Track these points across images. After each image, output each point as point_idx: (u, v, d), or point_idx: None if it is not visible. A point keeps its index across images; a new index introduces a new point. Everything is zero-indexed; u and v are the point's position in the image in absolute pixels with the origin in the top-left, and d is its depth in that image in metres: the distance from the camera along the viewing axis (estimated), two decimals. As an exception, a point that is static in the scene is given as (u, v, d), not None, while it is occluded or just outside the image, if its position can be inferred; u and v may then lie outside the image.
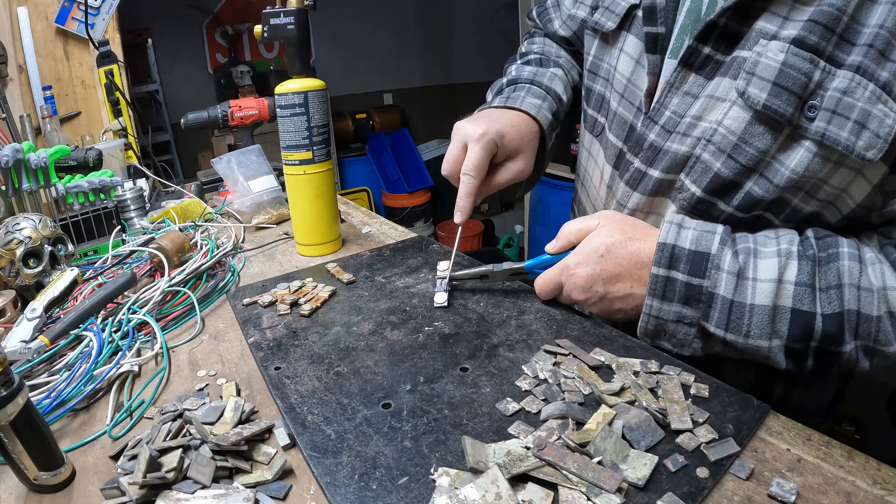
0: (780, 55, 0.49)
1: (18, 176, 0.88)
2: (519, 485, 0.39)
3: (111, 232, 0.97)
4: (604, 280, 0.58)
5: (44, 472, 0.43)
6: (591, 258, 0.58)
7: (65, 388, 0.54)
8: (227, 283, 0.81)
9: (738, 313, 0.51)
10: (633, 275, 0.57)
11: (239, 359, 0.62)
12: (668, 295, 0.54)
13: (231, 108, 1.27)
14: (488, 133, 0.66)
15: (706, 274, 0.53)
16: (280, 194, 1.12)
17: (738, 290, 0.51)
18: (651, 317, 0.56)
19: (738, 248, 0.53)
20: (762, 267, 0.51)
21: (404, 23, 4.05)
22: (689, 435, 0.44)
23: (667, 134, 0.60)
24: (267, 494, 0.41)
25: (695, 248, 0.53)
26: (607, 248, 0.58)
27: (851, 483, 0.40)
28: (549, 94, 0.77)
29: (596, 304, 0.60)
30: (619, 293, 0.58)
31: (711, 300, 0.52)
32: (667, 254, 0.54)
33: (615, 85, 0.67)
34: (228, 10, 3.37)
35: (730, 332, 0.52)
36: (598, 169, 0.73)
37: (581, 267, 0.59)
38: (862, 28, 0.47)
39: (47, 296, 0.69)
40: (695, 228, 0.55)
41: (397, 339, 0.61)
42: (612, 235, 0.58)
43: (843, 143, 0.48)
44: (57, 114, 1.50)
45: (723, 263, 0.52)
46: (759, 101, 0.51)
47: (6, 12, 1.45)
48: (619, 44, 0.66)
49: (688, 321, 0.54)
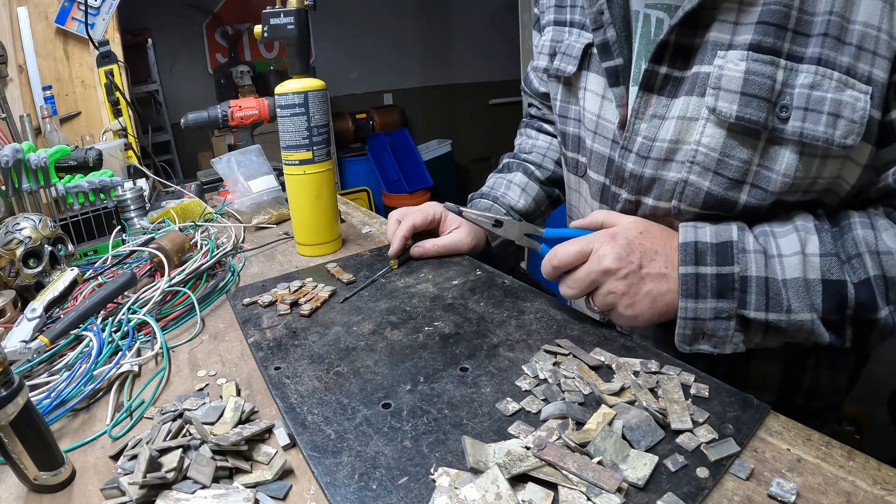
0: (741, 64, 0.50)
1: (18, 176, 0.88)
2: (519, 485, 0.39)
3: (111, 232, 0.97)
4: (641, 252, 0.56)
5: (44, 472, 0.43)
6: (629, 231, 0.57)
7: (65, 388, 0.54)
8: (227, 283, 0.81)
9: (774, 290, 0.51)
10: (669, 256, 0.56)
11: (239, 359, 0.62)
12: (700, 292, 0.53)
13: (231, 108, 1.27)
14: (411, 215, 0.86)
15: (734, 259, 0.53)
16: (280, 194, 1.12)
17: (769, 267, 0.52)
18: (688, 320, 0.54)
19: (755, 231, 0.54)
20: (783, 244, 0.52)
21: (404, 23, 4.05)
22: (689, 435, 0.44)
23: (643, 160, 0.60)
24: (267, 494, 0.41)
25: (716, 240, 0.54)
26: (645, 227, 0.58)
27: (851, 483, 0.40)
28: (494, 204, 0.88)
29: (624, 279, 0.55)
30: (654, 270, 0.55)
31: (745, 284, 0.52)
32: (691, 251, 0.54)
33: (587, 123, 0.69)
34: (228, 10, 3.37)
35: (771, 312, 0.51)
36: (586, 205, 0.75)
37: (619, 237, 0.56)
38: (813, 18, 0.48)
39: (47, 296, 0.69)
40: (710, 224, 0.55)
41: (397, 338, 0.61)
42: (645, 221, 0.59)
43: (821, 137, 0.48)
44: (57, 114, 1.49)
45: (748, 245, 0.53)
46: (732, 114, 0.51)
47: (6, 12, 1.45)
48: (582, 83, 0.68)
49: (725, 315, 0.53)
